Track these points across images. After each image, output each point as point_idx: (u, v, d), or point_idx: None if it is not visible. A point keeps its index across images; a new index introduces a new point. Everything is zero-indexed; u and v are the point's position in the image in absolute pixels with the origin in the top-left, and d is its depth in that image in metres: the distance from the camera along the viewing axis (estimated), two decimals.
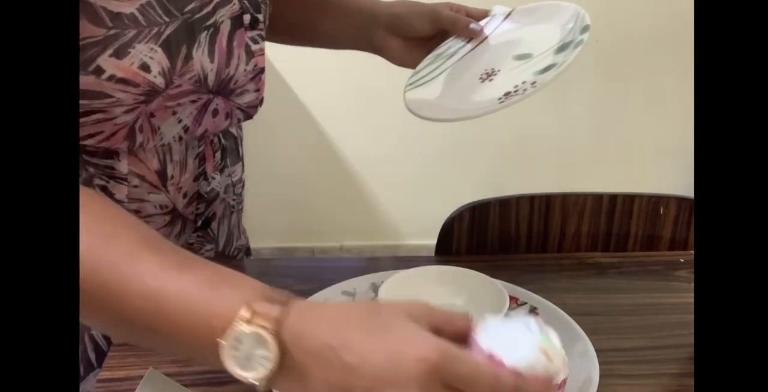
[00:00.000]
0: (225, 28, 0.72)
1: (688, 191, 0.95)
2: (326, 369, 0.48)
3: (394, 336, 0.49)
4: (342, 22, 0.90)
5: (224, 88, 0.76)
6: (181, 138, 0.77)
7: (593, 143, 2.39)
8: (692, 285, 0.88)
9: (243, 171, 0.93)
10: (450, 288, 0.77)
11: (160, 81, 0.68)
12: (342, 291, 0.84)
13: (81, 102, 0.66)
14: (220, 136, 0.85)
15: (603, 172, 2.41)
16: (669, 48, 2.20)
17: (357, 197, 2.41)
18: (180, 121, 0.75)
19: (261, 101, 0.81)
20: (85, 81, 0.64)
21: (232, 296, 0.51)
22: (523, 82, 0.70)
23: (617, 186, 1.19)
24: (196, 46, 0.70)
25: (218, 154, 0.85)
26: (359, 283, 0.86)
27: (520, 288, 0.84)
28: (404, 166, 2.33)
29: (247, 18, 0.74)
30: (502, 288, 0.74)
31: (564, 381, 0.65)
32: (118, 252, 0.54)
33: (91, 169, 0.74)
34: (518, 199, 1.11)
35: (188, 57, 0.69)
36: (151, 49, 0.66)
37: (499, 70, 0.75)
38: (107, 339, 0.82)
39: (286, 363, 0.48)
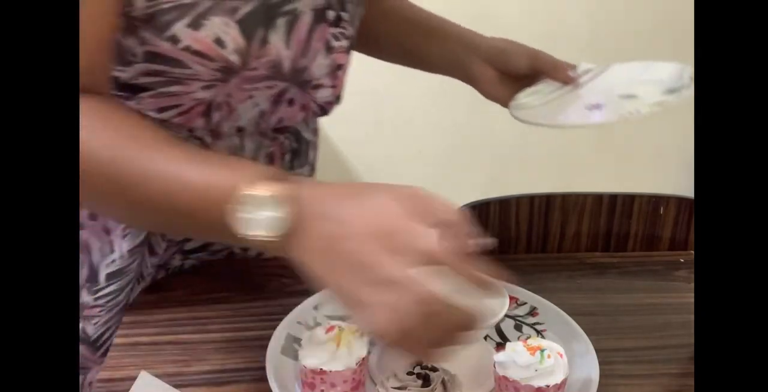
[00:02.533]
0: (306, 18, 0.72)
1: (688, 191, 0.95)
2: (326, 233, 0.53)
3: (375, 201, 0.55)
4: (444, 48, 0.93)
5: (300, 79, 0.76)
6: (257, 123, 0.78)
7: (593, 143, 2.39)
8: (692, 285, 0.88)
9: (312, 174, 0.94)
10: (450, 288, 0.76)
11: (235, 59, 0.69)
12: None
13: (160, 68, 0.69)
14: (292, 137, 0.86)
15: (603, 172, 2.41)
16: (669, 48, 2.19)
17: None
18: (257, 105, 0.76)
19: (338, 99, 0.82)
20: (163, 47, 0.67)
21: (246, 168, 0.57)
22: (637, 110, 0.79)
23: (617, 186, 1.19)
24: (273, 30, 0.70)
25: (287, 156, 0.86)
26: None
27: (520, 288, 0.84)
28: (404, 166, 2.33)
29: (331, 14, 0.75)
30: (502, 288, 0.74)
31: (564, 381, 0.65)
32: (137, 146, 0.60)
33: None
34: (518, 199, 1.11)
35: (265, 40, 0.70)
36: (227, 23, 0.67)
37: (604, 104, 0.81)
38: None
39: (299, 223, 0.53)
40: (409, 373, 0.62)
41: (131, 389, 0.64)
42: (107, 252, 0.79)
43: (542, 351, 0.65)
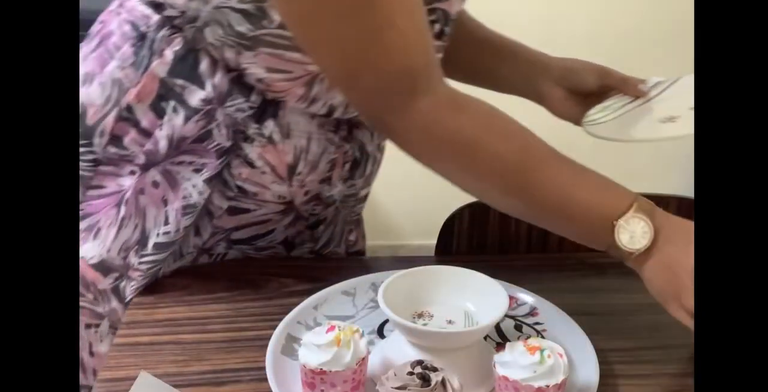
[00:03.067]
0: None
1: (688, 191, 0.95)
2: (680, 267, 0.69)
3: None
4: (515, 69, 0.96)
5: None
6: (345, 106, 0.81)
7: (593, 143, 2.39)
8: None
9: (366, 188, 0.96)
10: (450, 288, 0.77)
11: None
12: (342, 291, 0.84)
13: (287, 32, 0.71)
14: (356, 147, 0.88)
15: (603, 172, 2.41)
16: (669, 48, 2.19)
17: None
18: None
19: None
20: None
21: (624, 195, 0.73)
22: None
23: None
24: None
25: (347, 165, 0.88)
26: (359, 283, 0.86)
27: (520, 288, 0.84)
28: (404, 166, 2.32)
29: (437, 27, 0.78)
30: (502, 289, 0.74)
31: (564, 381, 0.65)
32: (533, 155, 0.74)
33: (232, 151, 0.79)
34: None
35: None
36: None
37: (678, 117, 0.81)
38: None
39: (656, 246, 0.70)
40: (409, 373, 0.62)
41: (131, 389, 0.64)
42: (161, 223, 0.81)
43: (542, 351, 0.65)
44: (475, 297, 0.76)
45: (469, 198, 1.08)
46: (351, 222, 1.02)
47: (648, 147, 2.37)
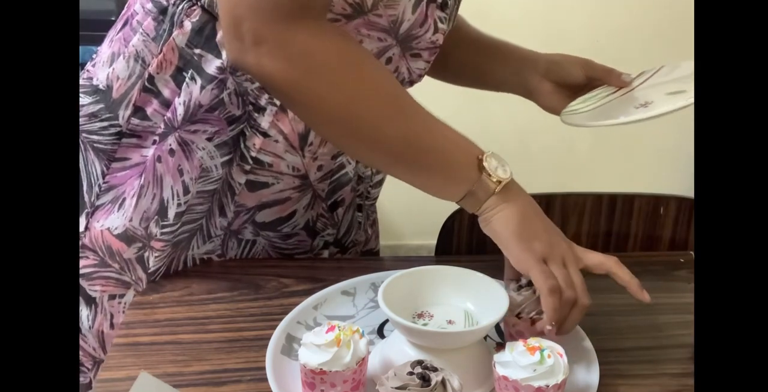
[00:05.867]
0: None
1: (688, 191, 0.95)
2: (535, 215, 0.75)
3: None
4: (505, 66, 0.99)
5: (408, 43, 0.82)
6: None
7: (593, 143, 2.39)
8: (692, 285, 0.88)
9: (381, 173, 0.99)
10: (450, 288, 0.77)
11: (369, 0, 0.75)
12: (342, 291, 0.84)
13: None
14: None
15: (603, 172, 2.41)
16: (669, 48, 2.19)
17: None
18: None
19: (420, 77, 0.88)
20: None
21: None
22: (681, 107, 0.78)
23: (617, 186, 1.19)
24: None
25: None
26: (359, 283, 0.86)
27: None
28: None
29: None
30: (502, 289, 0.74)
31: (564, 381, 0.65)
32: (403, 90, 0.76)
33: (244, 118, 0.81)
34: None
35: None
36: None
37: (653, 101, 0.82)
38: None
39: (507, 189, 0.74)
40: (409, 373, 0.62)
41: (131, 389, 0.64)
42: (179, 192, 0.83)
43: (542, 351, 0.65)
44: (475, 297, 0.76)
45: None
46: (369, 220, 1.04)
47: (648, 147, 2.38)
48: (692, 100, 0.78)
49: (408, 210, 2.46)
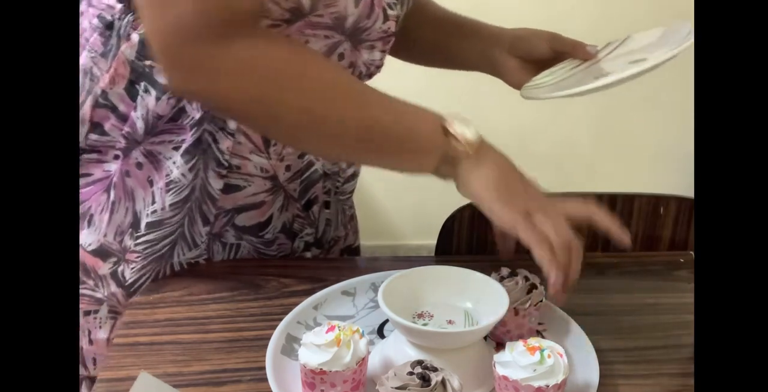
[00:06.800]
0: None
1: (688, 191, 0.95)
2: (510, 171, 0.75)
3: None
4: (471, 43, 0.97)
5: (357, 37, 0.80)
6: None
7: (593, 143, 2.39)
8: (692, 285, 0.88)
9: (352, 166, 0.98)
10: (450, 288, 0.77)
11: (306, 2, 0.73)
12: (342, 291, 0.84)
13: None
14: None
15: (603, 172, 2.41)
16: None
17: (357, 197, 2.41)
18: None
19: (379, 67, 0.86)
20: None
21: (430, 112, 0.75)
22: (635, 72, 0.78)
23: (617, 186, 1.19)
24: None
25: None
26: (359, 283, 0.86)
27: None
28: None
29: None
30: (502, 288, 0.74)
31: (564, 381, 0.65)
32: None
33: (206, 121, 0.80)
34: None
35: None
36: None
37: (612, 72, 0.81)
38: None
39: (479, 149, 0.74)
40: (409, 373, 0.62)
41: (131, 389, 0.64)
42: (149, 203, 0.83)
43: (542, 351, 0.65)
44: (475, 297, 0.76)
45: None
46: (345, 217, 1.02)
47: (648, 147, 2.38)
48: (648, 64, 0.77)
49: (408, 210, 2.46)
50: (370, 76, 0.86)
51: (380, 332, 0.80)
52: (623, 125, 2.35)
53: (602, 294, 0.88)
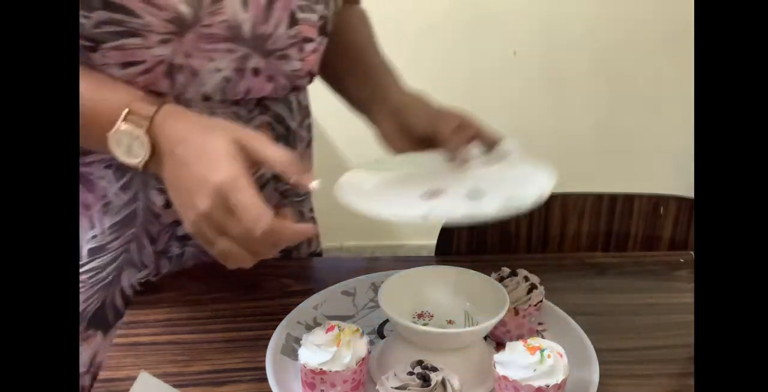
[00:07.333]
0: None
1: (688, 191, 0.95)
2: (175, 168, 0.66)
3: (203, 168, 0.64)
4: (360, 87, 0.90)
5: (263, 47, 0.76)
6: (223, 90, 0.77)
7: (593, 143, 2.39)
8: (692, 285, 0.88)
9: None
10: (450, 288, 0.77)
11: (186, 10, 0.70)
12: (342, 291, 0.84)
13: (117, 16, 0.69)
14: (277, 125, 0.85)
15: (603, 172, 2.41)
16: (669, 48, 2.20)
17: None
18: (219, 71, 0.76)
19: (310, 75, 0.82)
20: None
21: (114, 100, 0.69)
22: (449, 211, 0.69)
23: (617, 186, 1.19)
24: None
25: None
26: (359, 283, 0.86)
27: None
28: None
29: None
30: (502, 288, 0.74)
31: (564, 381, 0.65)
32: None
33: None
34: None
35: None
36: None
37: (446, 195, 0.72)
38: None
39: (156, 153, 0.66)
40: (409, 373, 0.62)
41: (131, 389, 0.64)
42: (87, 228, 0.81)
43: (542, 351, 0.65)
44: (475, 297, 0.76)
45: None
46: (305, 220, 0.99)
47: (648, 147, 2.38)
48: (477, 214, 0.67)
49: None
50: (296, 88, 0.82)
51: (380, 332, 0.80)
52: (623, 125, 2.35)
53: (602, 294, 0.88)
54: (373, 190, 0.73)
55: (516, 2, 2.14)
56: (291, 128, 0.88)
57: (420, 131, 0.81)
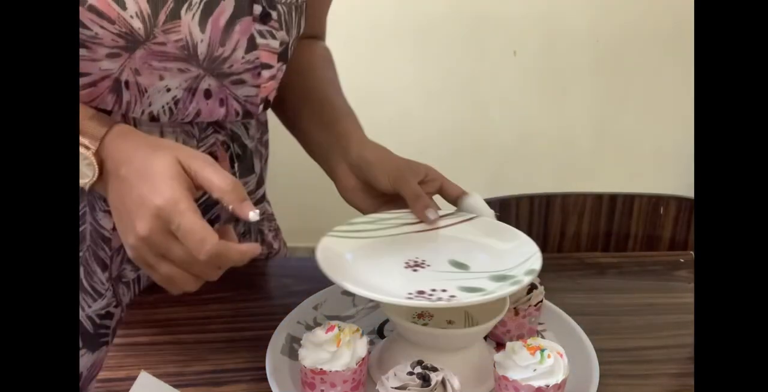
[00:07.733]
0: (228, 6, 0.71)
1: (688, 191, 0.95)
2: (119, 189, 0.65)
3: (147, 190, 0.62)
4: (323, 135, 0.86)
5: (217, 69, 0.73)
6: (171, 111, 0.75)
7: (593, 143, 2.39)
8: (692, 285, 0.88)
9: (261, 188, 0.91)
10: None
11: (138, 25, 0.67)
12: (342, 291, 0.84)
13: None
14: (234, 144, 0.83)
15: (603, 172, 2.41)
16: (669, 48, 2.20)
17: None
18: (169, 90, 0.73)
19: (264, 101, 0.79)
20: None
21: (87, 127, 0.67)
22: (443, 291, 0.66)
23: (617, 186, 1.19)
24: (186, 6, 0.69)
25: (226, 163, 0.83)
26: None
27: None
28: None
29: (257, 9, 0.73)
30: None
31: (564, 381, 0.65)
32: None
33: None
34: (518, 199, 1.12)
35: (174, 14, 0.68)
36: None
37: (429, 266, 0.72)
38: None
39: (103, 173, 0.66)
40: (409, 373, 0.62)
41: (131, 389, 0.64)
42: None
43: (542, 351, 0.65)
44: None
45: None
46: (271, 231, 0.98)
47: (648, 147, 2.38)
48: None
49: None
50: (248, 114, 0.79)
51: (380, 332, 0.80)
52: (623, 125, 2.35)
53: (602, 294, 0.88)
54: (353, 263, 0.71)
55: (516, 2, 2.14)
56: (248, 147, 0.86)
57: (382, 187, 0.79)
